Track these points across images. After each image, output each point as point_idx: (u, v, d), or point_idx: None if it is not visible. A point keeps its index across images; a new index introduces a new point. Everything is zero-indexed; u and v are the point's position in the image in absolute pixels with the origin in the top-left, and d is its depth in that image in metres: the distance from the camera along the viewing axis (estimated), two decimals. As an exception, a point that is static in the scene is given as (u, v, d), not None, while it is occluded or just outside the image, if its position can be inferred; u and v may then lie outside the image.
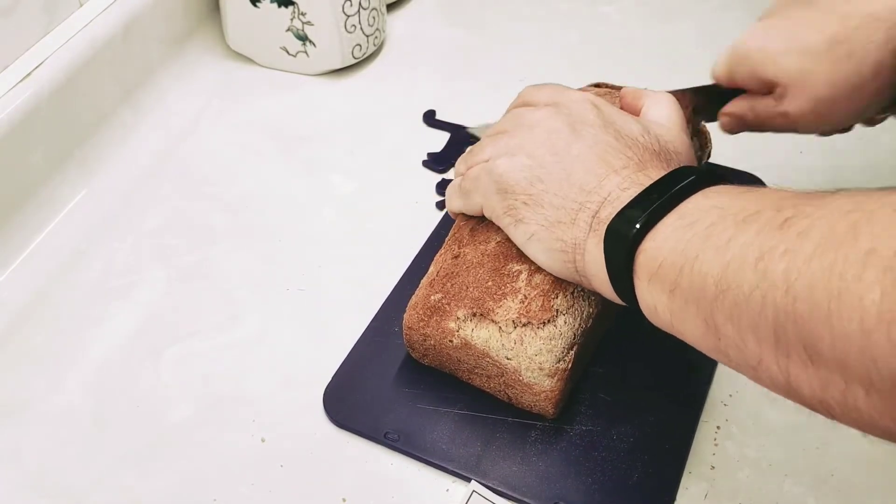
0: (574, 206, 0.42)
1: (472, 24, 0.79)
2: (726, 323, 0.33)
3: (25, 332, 0.54)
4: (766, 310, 0.30)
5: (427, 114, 0.69)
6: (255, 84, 0.73)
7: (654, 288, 0.37)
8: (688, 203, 0.37)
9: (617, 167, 0.42)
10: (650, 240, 0.37)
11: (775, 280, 0.30)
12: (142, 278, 0.57)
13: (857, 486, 0.45)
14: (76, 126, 0.63)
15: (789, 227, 0.31)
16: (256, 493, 0.45)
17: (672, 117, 0.47)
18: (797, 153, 0.64)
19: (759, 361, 0.32)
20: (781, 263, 0.30)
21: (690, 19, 0.78)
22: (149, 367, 0.52)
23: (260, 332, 0.53)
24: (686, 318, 0.36)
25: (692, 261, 0.34)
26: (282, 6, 0.69)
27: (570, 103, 0.46)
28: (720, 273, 0.33)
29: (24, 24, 0.60)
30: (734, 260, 0.32)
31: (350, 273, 0.57)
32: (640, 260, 0.38)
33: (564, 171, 0.43)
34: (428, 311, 0.47)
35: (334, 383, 0.49)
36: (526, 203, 0.44)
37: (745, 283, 0.31)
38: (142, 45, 0.68)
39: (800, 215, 0.31)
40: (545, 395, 0.45)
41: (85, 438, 0.48)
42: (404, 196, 0.62)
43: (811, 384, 0.29)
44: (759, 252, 0.31)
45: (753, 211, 0.33)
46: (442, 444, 0.46)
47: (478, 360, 0.46)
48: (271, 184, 0.64)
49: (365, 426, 0.47)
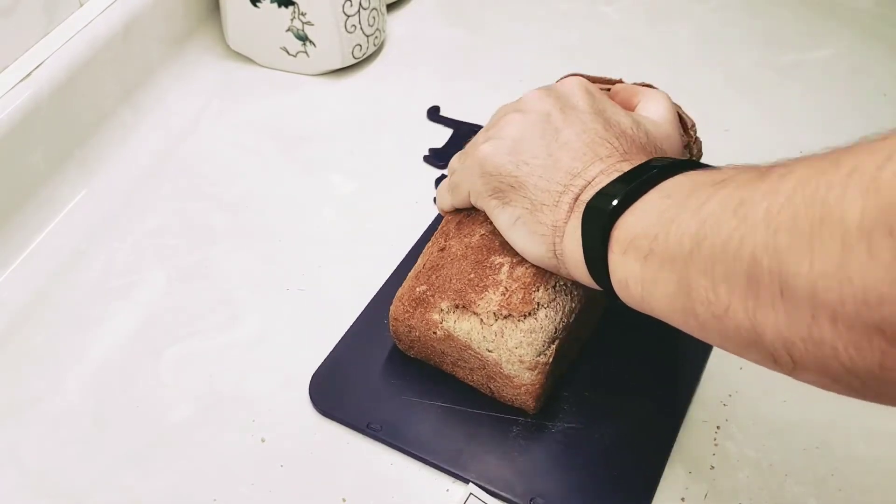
0: (558, 188, 0.42)
1: (472, 24, 0.79)
2: (699, 277, 0.33)
3: (25, 332, 0.54)
4: (742, 250, 0.30)
5: (431, 109, 0.69)
6: (255, 84, 0.73)
7: (627, 259, 0.37)
8: (667, 182, 0.38)
9: (602, 155, 0.42)
10: (629, 215, 0.38)
11: (756, 220, 0.30)
12: (142, 278, 0.57)
13: (858, 486, 0.45)
14: (76, 126, 0.63)
15: (769, 176, 0.31)
16: (256, 493, 0.45)
17: (665, 115, 0.47)
18: (797, 153, 0.64)
19: (727, 309, 0.32)
20: (763, 203, 0.30)
21: (690, 19, 0.78)
22: (149, 367, 0.52)
23: (260, 332, 0.53)
24: (657, 283, 0.36)
25: (668, 224, 0.35)
26: (282, 6, 0.69)
27: (562, 88, 0.46)
28: (697, 228, 0.33)
29: (24, 24, 0.60)
30: (712, 214, 0.32)
31: (350, 273, 0.57)
32: (615, 235, 0.38)
33: (551, 157, 0.43)
34: (413, 302, 0.48)
35: (321, 372, 0.50)
36: (512, 186, 0.44)
37: (723, 229, 0.32)
38: (142, 45, 0.68)
39: (779, 167, 0.31)
40: (525, 388, 0.45)
41: (85, 438, 0.48)
42: (404, 196, 0.62)
43: (777, 324, 0.30)
44: (738, 200, 0.31)
45: (730, 175, 0.34)
46: (425, 436, 0.47)
47: (461, 352, 0.47)
48: (271, 184, 0.64)
49: (348, 415, 0.48)
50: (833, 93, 0.69)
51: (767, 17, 0.78)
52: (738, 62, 0.66)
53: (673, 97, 0.50)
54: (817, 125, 0.66)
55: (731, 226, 0.31)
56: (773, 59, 0.73)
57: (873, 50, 0.73)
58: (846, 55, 0.73)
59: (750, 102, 0.68)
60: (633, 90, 0.50)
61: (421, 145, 0.66)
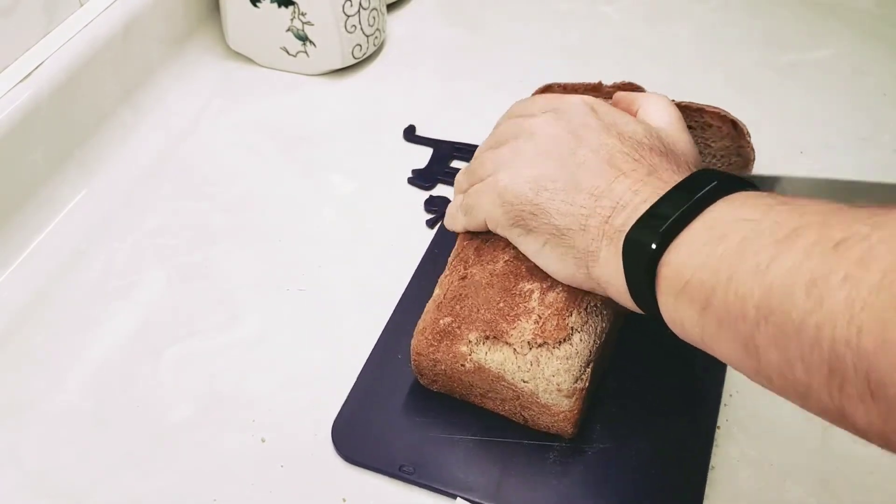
0: (584, 211, 0.41)
1: (472, 24, 0.79)
2: (769, 348, 0.30)
3: (25, 332, 0.54)
4: (820, 339, 0.28)
5: (407, 129, 0.67)
6: (255, 84, 0.73)
7: (681, 304, 0.35)
8: (712, 211, 0.35)
9: (626, 170, 0.41)
10: (673, 252, 0.35)
11: (834, 309, 0.27)
12: (142, 278, 0.57)
13: (858, 486, 0.45)
14: (76, 126, 0.63)
15: (846, 251, 0.28)
16: (256, 493, 0.45)
17: (669, 118, 0.46)
18: (797, 153, 0.64)
19: (808, 389, 0.29)
20: (841, 292, 0.27)
21: (690, 19, 0.78)
22: (149, 367, 0.51)
23: (260, 332, 0.53)
24: (720, 339, 0.33)
25: (726, 281, 0.32)
26: (282, 6, 0.69)
27: (567, 108, 0.45)
28: (762, 297, 0.30)
29: (24, 24, 0.60)
30: (779, 284, 0.30)
31: (350, 273, 0.57)
32: (664, 273, 0.36)
33: (571, 178, 0.42)
34: (437, 335, 0.46)
35: (342, 419, 0.48)
36: (534, 213, 0.43)
37: (793, 309, 0.29)
38: (142, 45, 0.68)
39: (854, 237, 0.28)
40: (564, 415, 0.44)
41: (85, 438, 0.48)
42: (404, 196, 0.62)
43: (869, 416, 0.27)
44: (810, 277, 0.29)
45: (792, 228, 0.31)
46: (459, 472, 0.45)
47: (492, 383, 0.45)
48: (271, 184, 0.64)
49: (378, 461, 0.46)
50: (833, 93, 0.69)
51: (767, 17, 0.78)
52: (738, 62, 0.66)
53: (673, 97, 0.50)
54: (817, 125, 0.66)
55: (803, 308, 0.29)
56: (773, 59, 0.73)
57: (873, 50, 0.73)
58: (846, 55, 0.73)
59: (750, 102, 0.68)
60: (630, 98, 0.48)
61: (421, 144, 0.66)
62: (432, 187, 0.62)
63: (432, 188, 0.62)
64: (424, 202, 0.61)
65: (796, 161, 0.63)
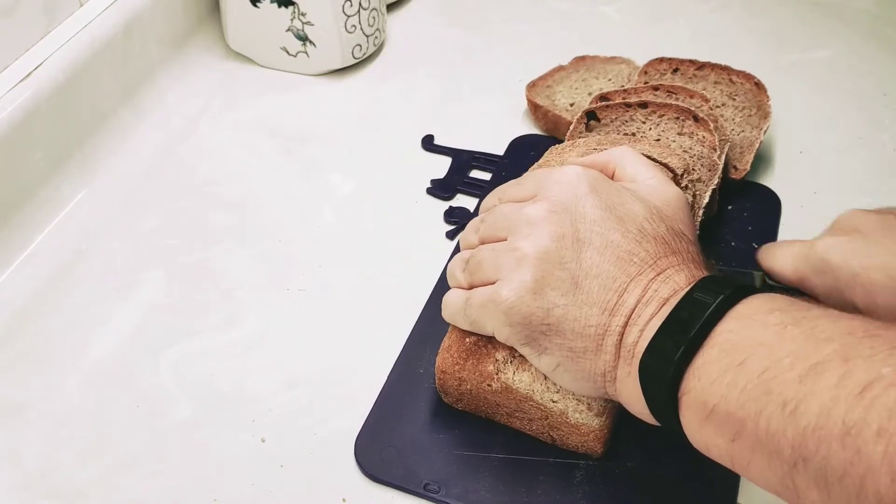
0: (598, 330, 0.39)
1: (472, 24, 0.79)
2: (810, 488, 0.30)
3: (25, 332, 0.54)
4: (866, 493, 0.28)
5: (425, 139, 0.66)
6: (255, 84, 0.73)
7: (706, 432, 0.35)
8: (725, 332, 0.35)
9: (632, 273, 0.40)
10: (693, 379, 0.35)
11: (873, 464, 0.27)
12: (142, 278, 0.57)
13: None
14: (76, 126, 0.63)
15: (873, 400, 0.28)
16: (256, 493, 0.45)
17: (647, 174, 0.45)
18: (797, 153, 0.64)
19: None
20: (878, 447, 0.27)
21: (690, 19, 0.78)
22: (149, 367, 0.51)
23: (260, 332, 0.53)
24: (753, 468, 0.33)
25: (755, 416, 0.32)
26: (282, 6, 0.69)
27: (565, 198, 0.42)
28: (797, 439, 0.30)
29: (24, 24, 0.60)
30: (812, 428, 0.30)
31: (350, 273, 0.57)
32: (686, 401, 0.35)
33: (581, 292, 0.40)
34: (463, 353, 0.45)
35: (364, 435, 0.47)
36: (545, 333, 0.41)
37: (832, 457, 0.29)
38: (142, 45, 0.68)
39: (878, 383, 0.29)
40: (593, 434, 0.43)
41: (85, 438, 0.48)
42: (404, 196, 0.62)
43: None
44: (842, 426, 0.29)
45: (810, 365, 0.31)
46: (485, 492, 0.44)
47: (519, 403, 0.44)
48: (271, 184, 0.64)
49: (402, 478, 0.45)
50: (833, 93, 0.69)
51: (767, 17, 0.78)
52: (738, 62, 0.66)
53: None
54: (817, 125, 0.66)
55: (842, 456, 0.28)
56: (773, 59, 0.73)
57: (873, 50, 0.73)
58: (846, 55, 0.73)
59: (750, 102, 0.68)
60: (602, 161, 0.46)
61: (420, 144, 0.66)
62: (451, 197, 0.61)
63: (451, 198, 0.61)
64: (444, 213, 0.60)
65: (796, 161, 0.63)
